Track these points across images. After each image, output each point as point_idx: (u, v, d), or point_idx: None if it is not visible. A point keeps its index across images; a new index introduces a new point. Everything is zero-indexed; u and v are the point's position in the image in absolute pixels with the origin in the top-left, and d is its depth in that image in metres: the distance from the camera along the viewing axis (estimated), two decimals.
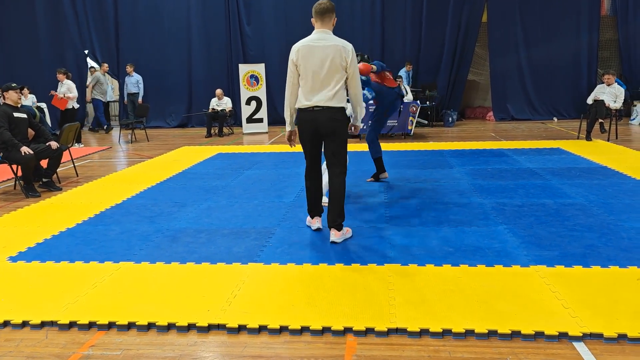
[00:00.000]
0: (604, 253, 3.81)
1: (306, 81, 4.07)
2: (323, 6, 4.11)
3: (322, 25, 4.13)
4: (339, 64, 4.03)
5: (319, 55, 4.02)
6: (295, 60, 4.08)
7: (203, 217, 5.05)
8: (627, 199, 5.25)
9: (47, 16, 14.13)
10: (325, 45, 4.03)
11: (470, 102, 14.98)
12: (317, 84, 4.04)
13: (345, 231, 4.29)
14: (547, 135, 10.45)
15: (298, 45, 4.12)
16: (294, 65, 4.10)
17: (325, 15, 4.11)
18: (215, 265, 3.79)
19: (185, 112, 14.13)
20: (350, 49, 4.07)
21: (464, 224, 4.59)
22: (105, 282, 3.53)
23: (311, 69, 4.04)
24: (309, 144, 4.23)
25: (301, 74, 4.09)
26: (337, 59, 4.02)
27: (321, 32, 4.12)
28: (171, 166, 7.90)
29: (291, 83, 4.16)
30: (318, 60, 4.02)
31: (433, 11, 13.25)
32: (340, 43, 4.07)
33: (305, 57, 4.05)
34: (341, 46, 4.05)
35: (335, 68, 4.03)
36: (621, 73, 13.21)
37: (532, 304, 3.05)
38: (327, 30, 4.13)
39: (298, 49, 4.09)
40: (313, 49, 4.04)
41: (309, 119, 4.10)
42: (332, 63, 4.02)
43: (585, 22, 13.09)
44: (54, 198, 6.06)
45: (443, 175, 6.69)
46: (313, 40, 4.08)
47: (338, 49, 4.03)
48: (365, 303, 3.12)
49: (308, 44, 4.07)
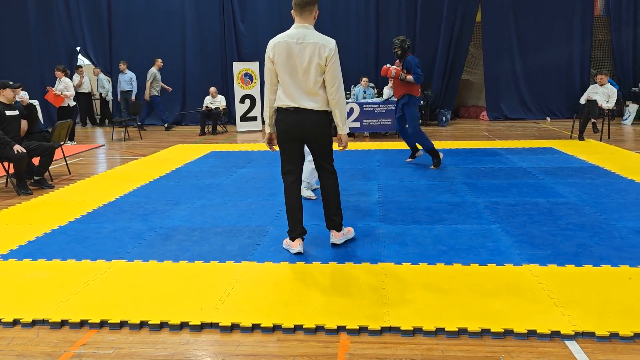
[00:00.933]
0: (596, 252, 3.83)
1: (285, 81, 3.72)
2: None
3: (302, 19, 3.74)
4: (317, 64, 3.66)
5: (296, 54, 3.66)
6: (272, 57, 3.71)
7: (196, 215, 5.04)
8: (619, 199, 5.28)
9: (38, 13, 14.03)
10: (302, 43, 3.66)
11: (464, 102, 15.02)
12: (297, 84, 3.70)
13: (346, 231, 4.16)
14: (540, 134, 10.50)
15: (274, 40, 3.74)
16: (271, 62, 3.73)
17: (305, 8, 3.71)
18: (209, 263, 3.78)
19: (179, 110, 14.07)
20: (331, 47, 3.67)
21: (457, 223, 4.60)
22: (97, 280, 3.51)
23: (289, 68, 3.69)
24: (288, 147, 3.85)
25: (279, 72, 3.73)
26: (315, 59, 3.65)
27: (300, 27, 3.73)
28: (164, 164, 7.87)
29: (269, 82, 3.80)
30: (295, 60, 3.67)
31: (427, 10, 13.27)
32: (320, 40, 3.68)
33: (281, 54, 3.68)
34: (321, 44, 3.67)
35: (314, 68, 3.67)
36: (614, 73, 13.28)
37: (525, 302, 3.06)
38: (307, 24, 3.75)
39: (274, 44, 3.71)
40: (290, 46, 3.66)
41: (290, 121, 3.76)
42: (310, 63, 3.66)
43: (579, 22, 13.15)
44: (46, 196, 6.02)
45: (436, 174, 6.70)
46: (291, 37, 3.69)
47: (317, 47, 3.66)
48: (358, 302, 3.12)
49: (285, 41, 3.68)
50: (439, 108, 13.28)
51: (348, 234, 4.18)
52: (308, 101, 3.72)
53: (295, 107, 3.73)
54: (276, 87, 3.80)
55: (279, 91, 3.79)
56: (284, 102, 3.76)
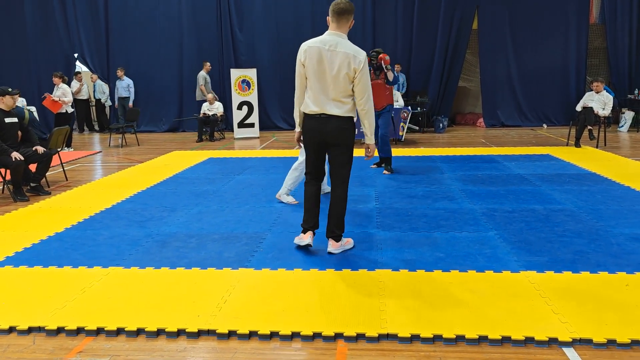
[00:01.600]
0: (593, 259, 3.83)
1: (312, 86, 3.80)
2: (342, 6, 3.76)
3: (338, 27, 3.80)
4: (348, 72, 3.72)
5: (327, 61, 3.73)
6: (303, 61, 3.81)
7: (193, 222, 5.03)
8: (616, 205, 5.29)
9: (36, 19, 14.05)
10: (334, 51, 3.72)
11: (460, 109, 15.07)
12: (324, 91, 3.77)
13: (345, 242, 4.15)
14: (536, 141, 10.54)
15: (307, 44, 3.83)
16: (302, 65, 3.83)
17: (342, 16, 3.77)
18: (206, 270, 3.77)
19: (177, 117, 14.08)
20: (361, 58, 3.72)
21: (454, 230, 4.60)
22: (93, 287, 3.50)
23: (317, 74, 3.76)
24: (312, 152, 3.97)
25: (308, 77, 3.82)
26: (344, 69, 3.71)
27: (334, 34, 3.79)
28: (162, 171, 7.86)
29: (299, 83, 3.90)
30: (325, 67, 3.74)
31: (424, 19, 13.34)
32: (350, 51, 3.73)
33: (311, 59, 3.76)
34: (352, 54, 3.72)
35: (342, 77, 3.73)
36: (609, 80, 13.36)
37: (522, 309, 3.06)
38: (341, 33, 3.80)
39: (306, 49, 3.80)
40: (321, 53, 3.73)
41: (314, 127, 3.85)
42: (339, 72, 3.72)
43: (574, 30, 13.24)
44: (43, 202, 6.01)
45: (434, 180, 6.71)
46: (323, 43, 3.75)
47: (347, 57, 3.71)
48: (356, 308, 3.11)
49: (317, 47, 3.75)
50: (436, 115, 13.32)
51: (346, 245, 4.16)
52: (333, 107, 3.79)
53: (320, 113, 3.81)
54: (304, 91, 3.89)
55: (306, 96, 3.87)
56: (310, 107, 3.85)
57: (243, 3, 13.65)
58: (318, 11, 13.48)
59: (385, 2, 13.31)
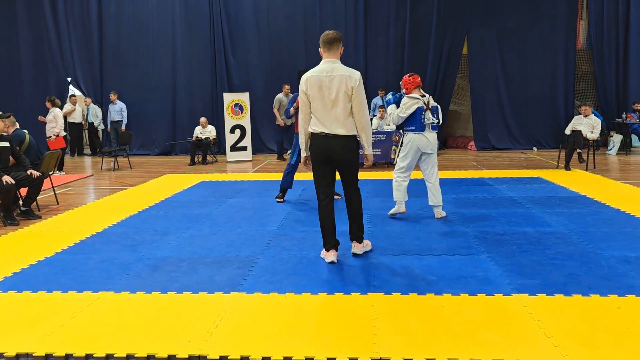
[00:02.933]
0: (585, 281, 3.84)
1: (317, 110, 4.22)
2: (330, 36, 4.24)
3: (330, 54, 4.26)
4: (345, 92, 4.15)
5: (326, 86, 4.16)
6: (305, 90, 4.23)
7: (185, 246, 5.00)
8: (606, 228, 5.33)
9: (30, 43, 14.12)
10: (331, 76, 4.16)
11: (452, 132, 15.21)
12: (328, 112, 4.19)
13: (365, 244, 4.58)
14: (527, 164, 10.63)
15: (307, 75, 4.26)
16: (305, 95, 4.25)
17: (332, 44, 4.24)
18: (197, 294, 3.74)
19: (169, 140, 14.10)
20: (356, 77, 4.17)
21: (446, 253, 4.60)
22: (83, 313, 3.45)
23: (321, 99, 4.18)
24: (321, 167, 4.31)
25: (312, 103, 4.23)
26: (342, 88, 4.15)
27: (329, 61, 4.24)
28: (154, 194, 7.84)
29: (304, 112, 4.30)
30: (327, 91, 4.16)
31: (415, 44, 13.54)
32: (346, 72, 4.19)
33: (313, 87, 4.19)
34: (347, 75, 4.17)
35: (343, 98, 4.16)
36: (597, 104, 13.56)
37: (515, 332, 3.05)
38: (335, 59, 4.26)
39: (307, 79, 4.23)
40: (321, 80, 4.18)
41: (321, 145, 4.23)
42: (339, 93, 4.15)
43: (562, 55, 13.48)
44: (33, 226, 5.96)
45: (426, 203, 6.72)
46: (321, 71, 4.20)
47: (344, 78, 4.15)
48: (348, 332, 3.09)
49: (317, 75, 4.20)
50: None
51: (367, 247, 4.61)
52: (337, 127, 4.19)
53: (327, 133, 4.20)
54: (310, 117, 4.30)
55: (312, 118, 4.28)
56: (317, 128, 4.25)
57: (236, 27, 13.82)
58: (310, 36, 13.66)
59: (376, 27, 13.52)
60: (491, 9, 13.37)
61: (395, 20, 13.51)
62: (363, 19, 13.52)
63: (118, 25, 14.01)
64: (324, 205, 4.34)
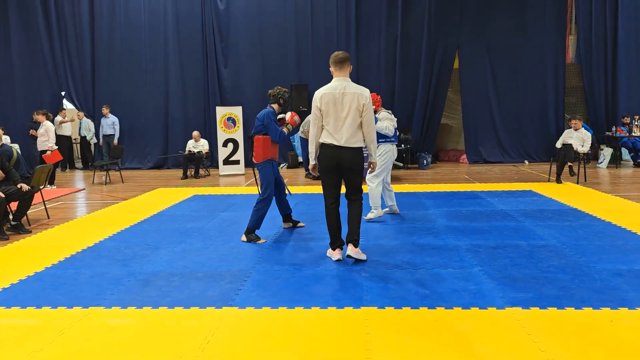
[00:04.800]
0: (577, 295, 3.85)
1: (329, 124, 4.58)
2: (341, 56, 4.66)
3: (341, 73, 4.65)
4: (356, 109, 4.55)
5: (340, 102, 4.54)
6: (320, 106, 4.59)
7: (177, 260, 4.96)
8: (598, 241, 5.35)
9: (23, 57, 14.10)
10: (344, 93, 4.55)
11: (443, 145, 15.28)
12: (339, 127, 4.56)
13: (360, 252, 4.73)
14: (518, 177, 10.68)
15: (321, 92, 4.61)
16: (318, 110, 4.61)
17: (343, 64, 4.65)
18: (189, 309, 3.70)
19: (162, 154, 14.07)
20: (366, 95, 4.59)
21: (439, 266, 4.60)
22: (73, 329, 3.41)
23: (334, 114, 4.56)
24: (330, 175, 4.69)
25: (325, 117, 4.59)
26: (354, 105, 4.54)
27: (341, 80, 4.63)
28: (146, 208, 7.79)
29: (316, 126, 4.66)
30: (340, 107, 4.54)
31: (406, 58, 13.64)
32: (357, 90, 4.59)
33: (327, 104, 4.56)
34: (359, 93, 4.58)
35: (354, 113, 4.55)
36: (587, 118, 13.70)
37: (509, 346, 3.04)
38: (346, 77, 4.64)
39: (321, 95, 4.59)
40: (335, 96, 4.55)
41: (332, 155, 4.61)
42: (351, 109, 4.54)
43: (552, 69, 13.63)
44: (23, 241, 5.90)
45: (418, 217, 6.74)
46: (334, 89, 4.58)
47: (355, 95, 4.56)
48: (341, 347, 3.07)
49: (331, 92, 4.57)
50: (420, 152, 13.49)
51: (361, 255, 4.73)
52: (348, 140, 4.58)
53: (337, 145, 4.57)
54: (321, 130, 4.66)
55: (324, 131, 4.63)
56: (328, 139, 4.61)
57: (228, 41, 13.87)
58: (302, 51, 13.75)
59: (367, 42, 13.63)
60: (482, 23, 13.52)
61: (387, 35, 13.63)
62: (355, 34, 13.62)
63: (111, 39, 14.02)
64: (332, 209, 4.76)
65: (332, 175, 4.71)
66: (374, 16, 13.65)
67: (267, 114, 5.62)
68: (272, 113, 5.68)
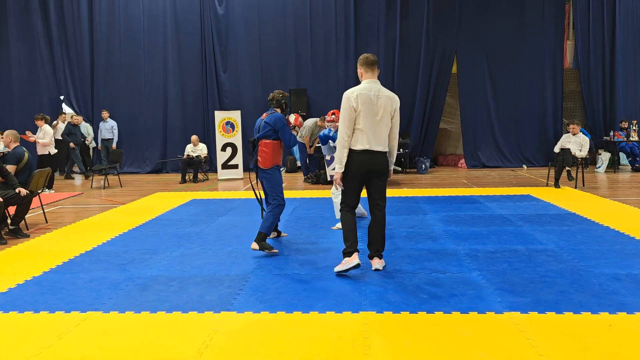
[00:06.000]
0: (576, 299, 3.85)
1: (365, 126, 4.39)
2: (371, 59, 4.56)
3: (372, 75, 4.55)
4: (390, 112, 4.47)
5: (374, 104, 4.42)
6: (355, 106, 4.39)
7: (175, 265, 4.96)
8: (596, 245, 5.36)
9: (22, 61, 14.11)
10: (378, 95, 4.44)
11: (442, 150, 15.31)
12: (373, 130, 4.41)
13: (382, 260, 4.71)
14: (517, 182, 10.70)
15: (355, 92, 4.43)
16: (353, 110, 4.39)
17: (373, 65, 4.55)
18: (187, 314, 3.70)
19: (160, 158, 14.06)
20: (397, 100, 4.55)
21: (438, 271, 4.60)
22: (70, 333, 3.40)
23: (370, 116, 4.40)
24: (358, 183, 4.54)
25: (360, 119, 4.39)
26: (388, 108, 4.46)
27: (372, 82, 4.52)
28: (144, 212, 7.78)
29: (349, 128, 4.42)
30: (375, 109, 4.42)
31: (404, 64, 13.68)
32: (390, 94, 4.53)
33: (364, 104, 4.39)
34: (391, 97, 4.51)
35: (387, 116, 4.46)
36: (585, 123, 13.73)
37: (507, 351, 3.04)
38: (376, 80, 4.55)
39: (357, 95, 4.40)
40: (370, 98, 4.41)
41: (365, 161, 4.43)
42: (385, 112, 4.44)
43: (550, 74, 13.68)
44: (21, 245, 5.89)
45: (417, 221, 6.74)
46: (369, 90, 4.45)
47: (389, 99, 4.48)
48: (340, 352, 3.07)
49: (366, 94, 4.42)
50: (418, 156, 13.51)
51: (383, 263, 4.70)
52: (379, 144, 4.45)
53: (369, 150, 4.41)
54: (353, 133, 4.44)
55: (355, 135, 4.43)
56: (361, 145, 4.42)
57: (227, 45, 13.90)
58: (302, 54, 13.78)
59: (366, 47, 13.61)
60: (480, 29, 13.57)
61: (385, 39, 13.67)
62: (353, 38, 13.66)
63: (110, 43, 14.03)
64: (348, 216, 4.57)
65: (358, 182, 4.53)
66: (372, 21, 13.70)
67: (280, 118, 5.34)
68: (284, 117, 5.41)
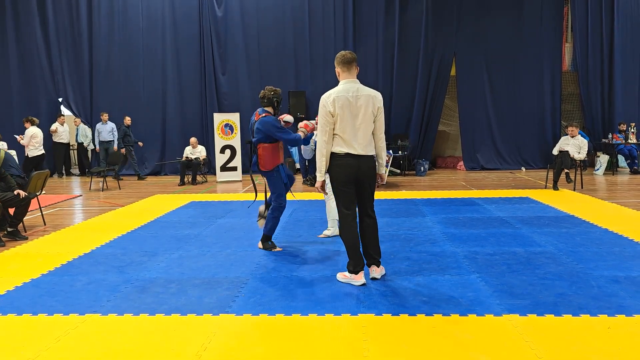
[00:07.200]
0: (575, 301, 3.85)
1: (344, 131, 4.16)
2: (349, 56, 4.28)
3: (349, 74, 4.28)
4: (372, 112, 4.21)
5: (355, 105, 4.17)
6: (332, 111, 4.16)
7: (174, 267, 4.95)
8: (595, 247, 5.36)
9: (20, 63, 14.09)
10: (357, 95, 4.18)
11: (441, 152, 15.32)
12: (355, 133, 4.17)
13: (382, 269, 4.51)
14: (515, 184, 10.70)
15: (332, 95, 4.19)
16: (330, 115, 4.17)
17: (351, 64, 4.28)
18: (186, 316, 3.69)
19: (159, 160, 14.06)
20: (380, 98, 4.27)
21: (437, 273, 4.60)
22: (69, 336, 3.39)
23: (349, 119, 4.15)
24: (346, 189, 4.25)
25: (339, 123, 4.16)
26: (369, 108, 4.19)
27: (351, 82, 4.26)
28: (143, 214, 7.78)
29: (327, 133, 4.19)
30: (355, 111, 4.16)
31: (403, 66, 13.70)
32: (371, 93, 4.26)
33: (342, 108, 4.15)
34: (373, 95, 4.24)
35: (368, 117, 4.19)
36: (584, 125, 13.75)
37: (507, 354, 3.04)
38: (355, 79, 4.29)
39: (334, 99, 4.17)
40: (348, 99, 4.16)
41: (349, 164, 4.18)
42: (366, 113, 4.18)
43: (548, 77, 13.70)
44: (19, 248, 5.87)
45: (416, 223, 6.74)
46: (347, 91, 4.19)
47: (370, 98, 4.21)
48: (339, 354, 3.06)
49: (344, 96, 4.17)
50: (417, 158, 13.52)
51: (382, 271, 4.51)
52: (364, 148, 4.20)
53: (354, 154, 4.18)
54: (333, 137, 4.21)
55: (336, 139, 4.20)
56: (342, 148, 4.19)
57: (226, 48, 13.90)
58: (300, 56, 13.79)
59: (365, 49, 13.68)
60: (479, 31, 13.60)
61: (384, 42, 13.69)
62: (352, 40, 13.68)
63: (108, 45, 14.03)
64: (352, 224, 4.27)
65: (348, 189, 4.25)
66: (371, 24, 13.73)
67: (271, 124, 5.18)
68: (275, 120, 5.27)
